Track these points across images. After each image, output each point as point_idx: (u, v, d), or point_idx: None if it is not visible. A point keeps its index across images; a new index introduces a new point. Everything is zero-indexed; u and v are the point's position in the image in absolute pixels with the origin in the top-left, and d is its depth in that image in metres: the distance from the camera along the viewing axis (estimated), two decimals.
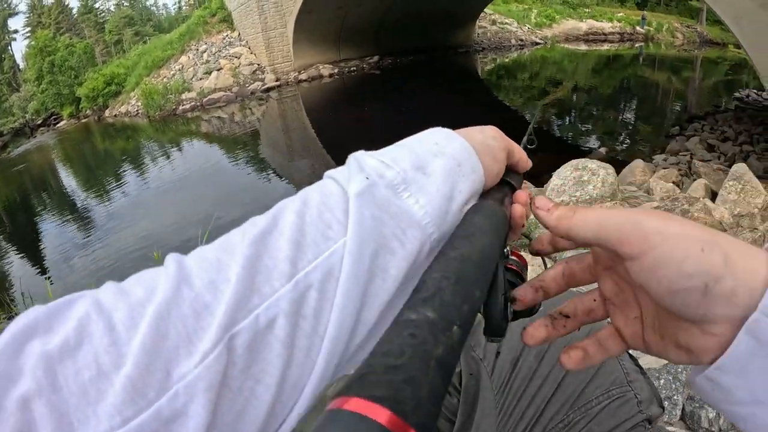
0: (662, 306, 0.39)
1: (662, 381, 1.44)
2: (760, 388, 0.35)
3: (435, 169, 0.45)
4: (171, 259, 0.38)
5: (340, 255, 0.38)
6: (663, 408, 0.86)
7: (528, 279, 0.53)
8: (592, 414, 0.81)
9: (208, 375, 0.32)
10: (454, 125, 0.52)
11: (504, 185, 0.55)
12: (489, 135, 0.53)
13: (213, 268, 0.37)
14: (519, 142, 0.61)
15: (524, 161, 0.58)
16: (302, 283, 0.37)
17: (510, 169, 0.56)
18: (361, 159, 0.44)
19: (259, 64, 23.56)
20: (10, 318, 4.02)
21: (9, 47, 50.84)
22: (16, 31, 53.57)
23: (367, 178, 0.42)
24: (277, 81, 22.91)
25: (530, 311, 0.52)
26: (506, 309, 0.47)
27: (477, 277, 0.37)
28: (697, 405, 1.40)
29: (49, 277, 7.69)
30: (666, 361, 1.51)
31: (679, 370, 1.47)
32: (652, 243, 0.37)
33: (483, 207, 0.47)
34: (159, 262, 0.38)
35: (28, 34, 49.68)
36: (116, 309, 0.34)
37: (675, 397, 1.43)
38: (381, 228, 0.40)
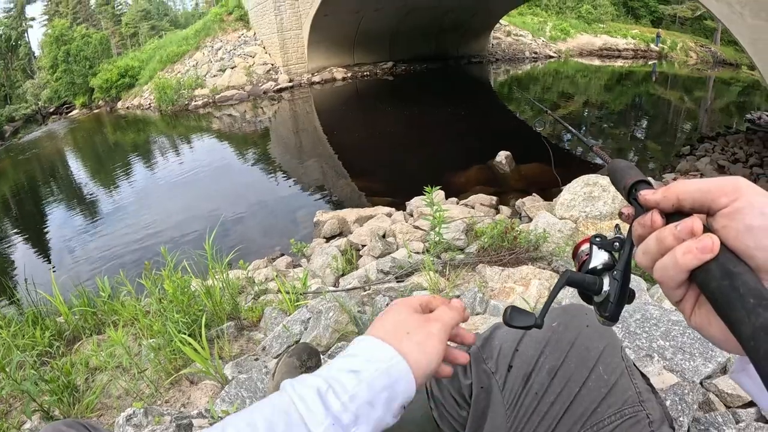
0: (738, 247, 0.45)
1: (668, 402, 1.42)
2: None
3: (379, 400, 0.57)
4: None
5: None
6: (673, 429, 0.85)
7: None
8: None
9: None
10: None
11: None
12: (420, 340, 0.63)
13: None
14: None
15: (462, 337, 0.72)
16: None
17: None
18: (324, 396, 0.56)
19: (273, 64, 23.66)
20: (12, 302, 3.93)
21: (26, 34, 51.18)
22: (33, 19, 53.77)
23: (333, 424, 0.54)
24: (290, 82, 23.01)
25: (630, 299, 0.60)
26: (625, 296, 0.58)
27: None
28: (703, 428, 1.39)
29: (50, 263, 7.73)
30: (673, 382, 1.49)
31: (686, 391, 1.46)
32: (743, 192, 0.46)
33: None
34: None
35: (45, 23, 49.93)
36: None
37: (681, 419, 1.41)
38: None
